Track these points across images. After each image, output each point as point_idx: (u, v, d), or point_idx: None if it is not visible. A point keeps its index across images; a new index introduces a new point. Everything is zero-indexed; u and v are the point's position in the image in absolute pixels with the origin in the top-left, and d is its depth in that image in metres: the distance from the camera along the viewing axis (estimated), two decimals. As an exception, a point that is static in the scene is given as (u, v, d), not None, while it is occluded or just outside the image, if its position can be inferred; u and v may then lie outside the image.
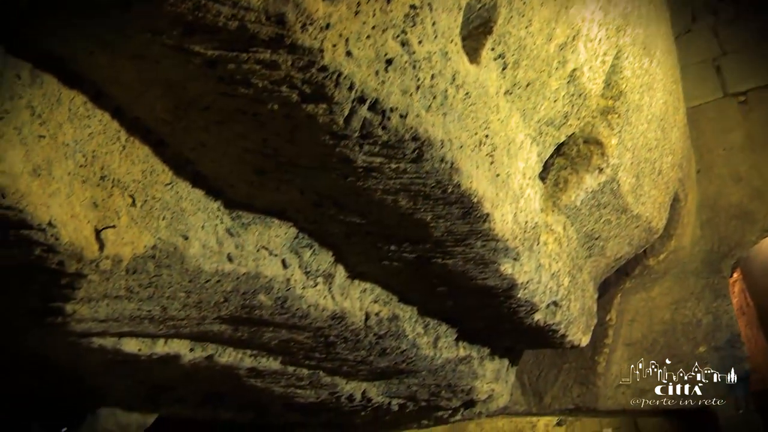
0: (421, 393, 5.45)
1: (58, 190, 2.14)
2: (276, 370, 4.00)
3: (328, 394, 4.73)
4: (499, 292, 4.06)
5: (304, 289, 3.15)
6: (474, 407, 6.36)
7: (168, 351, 3.31)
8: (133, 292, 2.59)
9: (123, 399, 4.46)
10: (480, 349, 5.37)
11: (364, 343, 3.93)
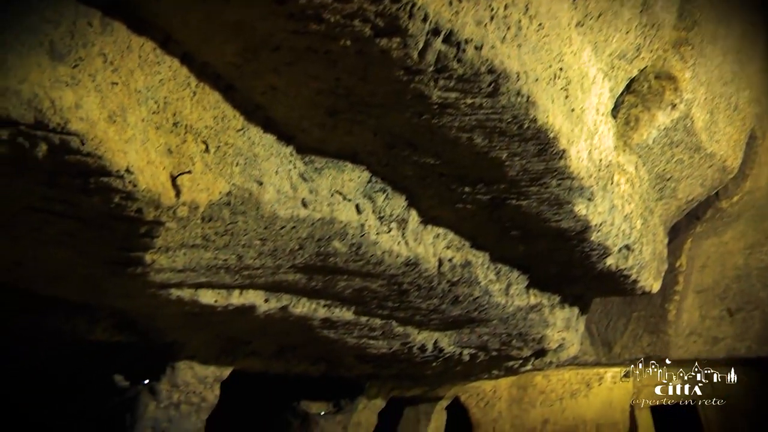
0: (492, 342, 5.40)
1: (134, 136, 2.12)
2: (349, 320, 3.99)
3: (400, 344, 4.72)
4: (572, 235, 3.95)
5: (378, 234, 3.10)
6: (545, 356, 6.29)
7: (243, 302, 3.32)
8: (210, 241, 2.58)
9: (200, 352, 4.53)
10: (550, 296, 5.28)
11: (437, 291, 3.89)
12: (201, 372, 4.66)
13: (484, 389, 12.71)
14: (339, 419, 6.71)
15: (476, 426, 13.20)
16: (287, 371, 5.75)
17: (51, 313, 3.76)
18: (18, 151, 1.96)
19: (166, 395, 4.51)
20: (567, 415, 13.45)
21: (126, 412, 4.47)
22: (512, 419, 13.35)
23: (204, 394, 4.75)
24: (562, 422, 13.44)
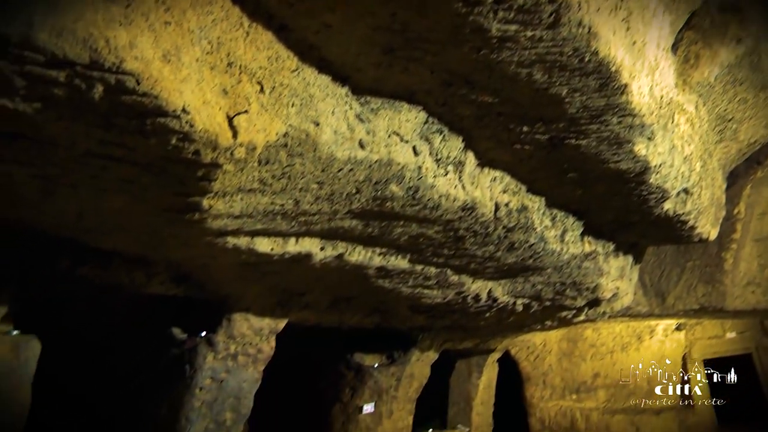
0: (546, 292, 5.33)
1: (189, 76, 2.08)
2: (404, 269, 3.96)
3: (455, 293, 4.68)
4: (631, 177, 3.83)
5: (435, 177, 3.04)
6: (598, 306, 6.19)
7: (299, 250, 3.30)
8: (266, 185, 2.55)
9: (255, 305, 4.57)
10: (605, 244, 5.16)
11: (492, 238, 3.82)
12: (256, 324, 4.70)
13: (535, 343, 12.68)
14: (392, 371, 6.75)
15: (526, 379, 13.21)
16: (341, 323, 5.78)
17: (111, 266, 3.80)
18: (75, 93, 1.95)
19: (223, 347, 4.58)
20: (617, 368, 13.34)
21: (185, 364, 4.55)
22: (562, 372, 13.32)
23: (260, 345, 4.81)
24: (613, 375, 13.34)
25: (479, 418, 9.48)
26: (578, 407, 13.44)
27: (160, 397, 4.78)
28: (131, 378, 5.11)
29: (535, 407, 13.43)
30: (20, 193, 2.70)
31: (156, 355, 4.78)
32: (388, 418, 6.94)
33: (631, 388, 13.31)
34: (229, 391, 4.71)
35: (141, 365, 5.02)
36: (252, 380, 4.85)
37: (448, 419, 9.29)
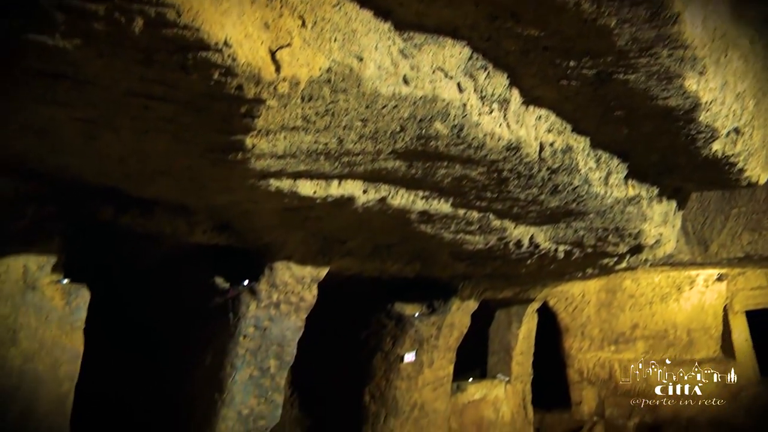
0: (588, 238, 5.25)
1: (229, 9, 2.03)
2: (447, 213, 3.91)
3: (497, 239, 4.63)
4: (680, 114, 3.70)
5: (480, 115, 2.96)
6: (640, 253, 6.09)
7: (342, 193, 3.27)
8: (310, 122, 2.51)
9: (297, 253, 4.58)
10: (649, 188, 5.04)
11: (536, 180, 3.74)
12: (298, 272, 4.72)
13: (573, 294, 12.61)
14: (433, 320, 6.76)
15: (565, 330, 13.17)
16: (381, 272, 5.78)
17: (153, 215, 3.83)
18: (115, 27, 1.91)
19: (266, 295, 4.61)
20: (657, 319, 13.23)
21: (229, 312, 4.60)
22: (600, 324, 13.25)
23: (302, 294, 4.83)
24: (652, 327, 13.24)
25: (519, 368, 9.51)
26: (616, 358, 13.40)
27: (204, 345, 4.86)
28: (176, 327, 5.20)
29: (573, 358, 13.41)
30: (63, 138, 2.71)
31: (199, 305, 4.84)
32: (429, 367, 6.99)
33: (670, 339, 13.22)
34: (273, 339, 4.76)
35: (184, 314, 5.09)
36: (295, 328, 4.90)
37: (488, 369, 9.33)
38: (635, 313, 13.25)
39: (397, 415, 6.91)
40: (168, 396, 5.23)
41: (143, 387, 5.53)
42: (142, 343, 5.64)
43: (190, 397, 4.94)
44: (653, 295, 13.14)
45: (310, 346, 5.30)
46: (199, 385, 4.86)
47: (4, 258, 3.38)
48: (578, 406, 13.54)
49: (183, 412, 4.97)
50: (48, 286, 3.61)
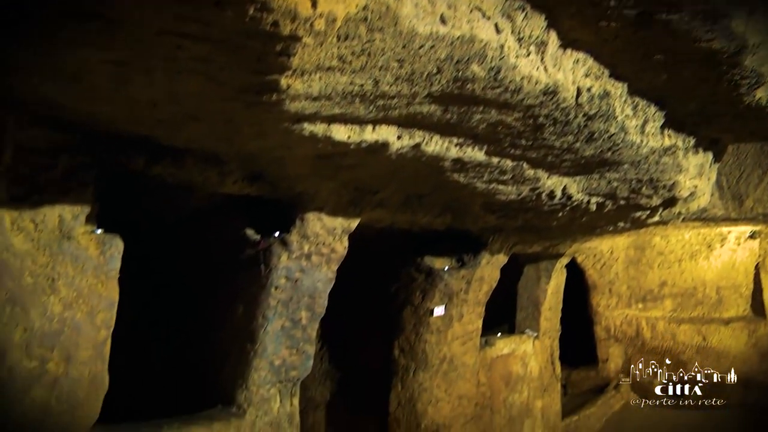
0: (621, 190, 5.16)
1: (266, -58, 1.97)
2: (480, 161, 3.86)
3: (529, 190, 4.57)
4: (724, 57, 3.56)
5: (517, 58, 2.88)
6: (674, 206, 5.99)
7: (376, 138, 3.23)
8: (346, 62, 2.45)
9: (328, 204, 4.56)
10: (685, 139, 4.92)
11: (572, 126, 3.66)
12: (329, 223, 4.71)
13: (602, 251, 12.51)
14: (462, 274, 6.76)
15: (592, 287, 13.12)
16: (412, 224, 5.76)
17: (185, 165, 3.82)
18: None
19: (297, 246, 4.61)
20: (686, 276, 13.11)
21: (260, 264, 4.62)
22: (628, 281, 13.17)
23: (333, 245, 4.83)
24: (681, 284, 13.14)
25: (547, 323, 9.51)
26: (644, 316, 13.35)
27: (235, 297, 4.89)
28: (206, 279, 5.23)
29: (601, 315, 13.39)
30: (94, 82, 2.68)
31: (230, 257, 4.86)
32: (458, 321, 7.00)
33: (699, 298, 13.11)
34: (304, 290, 4.78)
35: (215, 266, 5.12)
36: (326, 280, 4.91)
37: (517, 324, 9.35)
38: (664, 270, 13.14)
39: (427, 368, 6.97)
40: (200, 347, 5.29)
41: (175, 339, 5.61)
42: (173, 295, 5.70)
43: (223, 348, 4.99)
44: (683, 253, 13.00)
45: (340, 300, 5.32)
46: (231, 337, 4.90)
47: (40, 208, 3.40)
48: (604, 363, 13.56)
49: (216, 363, 5.04)
50: (83, 236, 3.63)
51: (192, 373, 5.30)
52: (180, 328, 5.60)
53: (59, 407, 3.58)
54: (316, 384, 7.91)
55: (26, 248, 3.33)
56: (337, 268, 5.10)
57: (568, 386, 12.52)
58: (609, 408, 12.12)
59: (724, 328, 12.95)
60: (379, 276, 7.15)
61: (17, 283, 3.28)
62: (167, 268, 5.75)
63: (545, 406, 9.36)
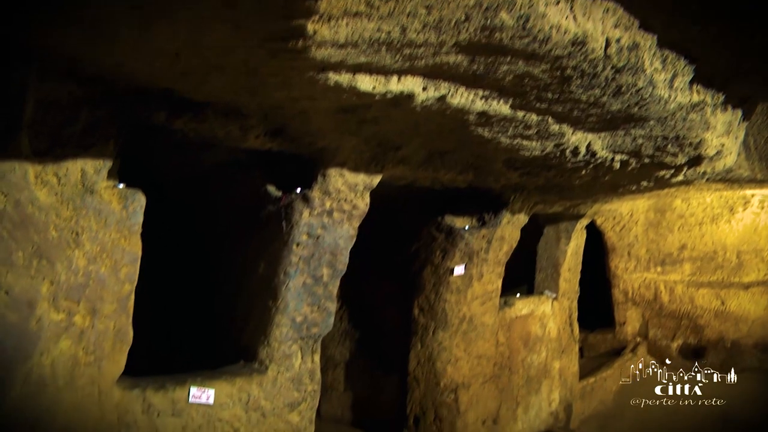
0: (646, 147, 5.07)
1: None
2: (505, 115, 3.79)
3: (553, 145, 4.50)
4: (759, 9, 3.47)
5: (547, 6, 2.80)
6: (699, 165, 5.89)
7: (402, 89, 3.17)
8: (373, 8, 2.40)
9: (350, 159, 4.53)
10: (715, 95, 4.80)
11: (599, 79, 3.58)
12: (351, 179, 4.68)
13: (621, 213, 12.43)
14: (483, 233, 6.72)
15: (611, 250, 13.07)
16: (434, 181, 5.72)
17: (206, 119, 3.79)
18: None
19: (318, 203, 4.59)
20: (706, 240, 13.00)
21: (282, 220, 4.61)
22: (648, 244, 13.10)
23: (355, 201, 4.80)
24: (701, 248, 13.04)
25: (566, 284, 9.48)
26: (662, 279, 13.29)
27: (257, 254, 4.90)
28: (228, 236, 5.25)
29: (619, 278, 13.36)
30: (116, 31, 2.65)
31: (252, 213, 4.86)
32: (478, 281, 6.99)
33: (719, 261, 13.01)
34: (326, 246, 4.77)
35: (237, 223, 5.13)
36: (347, 236, 4.90)
37: (536, 285, 9.33)
38: (684, 233, 13.04)
39: (446, 327, 6.99)
40: (222, 304, 5.33)
41: (199, 296, 5.65)
42: (195, 253, 5.74)
43: (245, 304, 5.02)
44: (704, 216, 12.87)
45: (360, 260, 5.31)
46: (253, 293, 4.93)
47: (62, 162, 3.40)
48: (622, 326, 13.57)
49: (238, 320, 5.07)
50: (105, 190, 3.63)
51: (215, 330, 5.35)
52: (203, 286, 5.65)
53: (87, 359, 3.63)
54: (335, 343, 7.98)
55: (50, 202, 3.34)
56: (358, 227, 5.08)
57: (585, 349, 12.56)
58: (626, 371, 12.15)
59: (744, 292, 12.88)
60: (399, 235, 7.14)
61: (43, 237, 3.30)
62: (190, 226, 5.78)
63: (563, 367, 9.38)
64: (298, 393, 4.96)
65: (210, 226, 5.53)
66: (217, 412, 4.47)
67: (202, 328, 5.55)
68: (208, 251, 5.61)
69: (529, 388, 8.49)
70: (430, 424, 7.16)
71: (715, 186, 8.91)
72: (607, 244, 13.07)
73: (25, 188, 3.22)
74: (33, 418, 3.37)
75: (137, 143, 4.07)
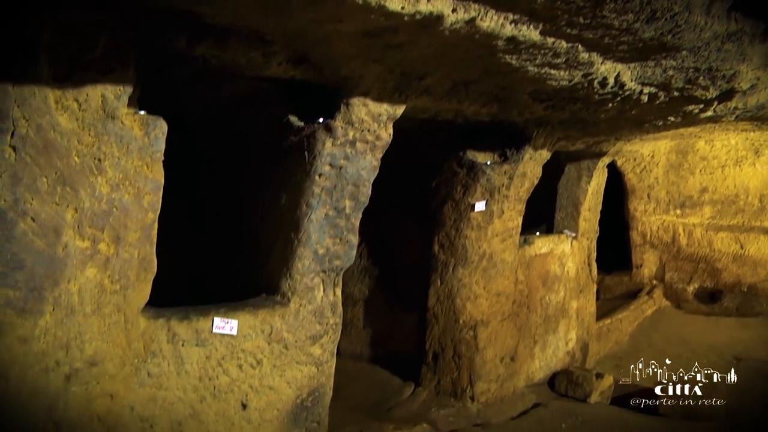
0: (677, 80, 4.92)
1: None
2: (535, 41, 3.67)
3: (582, 76, 4.38)
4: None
5: None
6: (730, 100, 5.74)
7: (431, 10, 3.05)
8: None
9: (373, 89, 4.43)
10: (754, 24, 4.61)
11: (634, 3, 3.44)
12: (374, 109, 4.59)
13: (642, 154, 12.28)
14: (505, 169, 6.64)
15: (630, 192, 12.97)
16: (457, 113, 5.62)
17: (228, 45, 3.70)
18: None
19: (341, 133, 4.52)
20: (728, 183, 12.84)
21: (304, 151, 4.55)
22: (668, 186, 12.97)
23: (378, 132, 4.73)
24: (722, 191, 12.89)
25: (586, 224, 9.42)
26: (681, 222, 13.20)
27: (279, 185, 4.86)
28: (250, 167, 5.21)
29: (638, 221, 13.28)
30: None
31: (273, 144, 4.80)
32: (499, 218, 6.94)
33: (740, 205, 12.86)
34: (348, 178, 4.71)
35: (258, 154, 5.08)
36: (370, 168, 4.83)
37: (555, 224, 9.28)
38: (705, 176, 12.88)
39: (466, 264, 6.97)
40: (244, 238, 5.33)
41: (222, 228, 5.65)
42: (217, 186, 5.72)
43: (267, 237, 5.01)
44: (727, 158, 12.68)
45: (380, 195, 5.26)
46: (275, 226, 4.91)
47: (82, 87, 3.33)
48: (638, 269, 13.55)
49: (260, 253, 5.07)
50: (127, 116, 3.56)
51: (237, 264, 5.37)
52: (225, 220, 5.65)
53: (112, 287, 3.64)
54: (354, 280, 8.02)
55: (71, 127, 3.30)
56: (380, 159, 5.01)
57: (601, 291, 12.58)
58: (641, 313, 12.18)
59: (764, 236, 12.76)
60: (420, 171, 7.07)
61: (65, 163, 3.28)
62: (211, 160, 5.75)
63: (580, 307, 9.40)
64: (320, 326, 4.99)
65: (231, 159, 5.48)
66: (240, 343, 4.51)
67: (224, 263, 5.57)
68: (229, 185, 5.58)
69: (546, 326, 8.53)
70: (448, 360, 7.22)
71: (743, 126, 8.72)
72: (626, 186, 12.96)
73: (47, 113, 3.18)
74: (64, 343, 3.40)
75: (157, 75, 4.01)
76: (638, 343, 11.12)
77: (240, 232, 5.35)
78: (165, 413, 4.21)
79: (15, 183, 3.08)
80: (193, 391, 4.33)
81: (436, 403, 7.07)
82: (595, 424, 6.47)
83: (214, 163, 5.70)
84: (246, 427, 4.66)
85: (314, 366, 5.01)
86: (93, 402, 3.68)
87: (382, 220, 7.21)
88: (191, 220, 5.83)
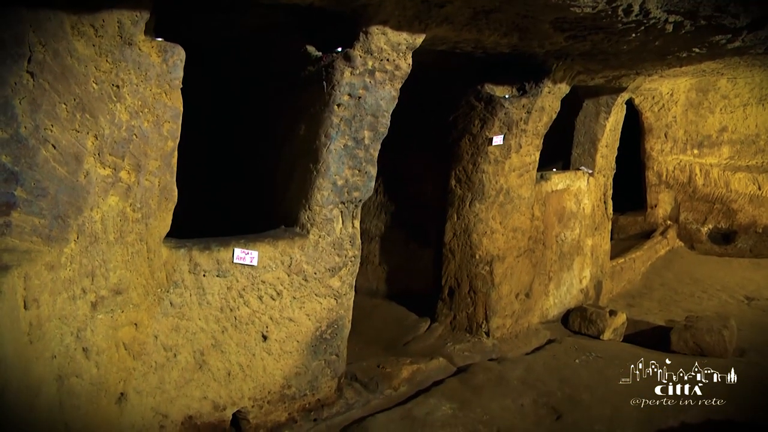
0: (705, 7, 4.75)
1: None
2: (560, -38, 3.58)
3: (606, 2, 4.24)
4: None
5: None
6: (762, 29, 5.53)
7: None
8: None
9: (393, 17, 4.33)
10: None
11: None
12: (394, 38, 4.50)
13: (661, 92, 12.07)
14: (523, 103, 6.54)
15: (648, 131, 12.81)
16: (476, 44, 5.51)
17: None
18: None
19: (360, 62, 4.44)
20: (749, 122, 12.65)
21: (322, 80, 4.48)
22: (686, 125, 12.80)
23: (397, 62, 4.65)
24: (742, 130, 12.71)
25: (603, 161, 9.32)
26: (698, 162, 13.06)
27: (298, 115, 4.82)
28: (268, 97, 5.16)
29: (654, 160, 13.15)
30: None
31: (292, 74, 4.74)
32: (516, 152, 6.87)
33: (760, 145, 12.69)
34: (367, 108, 4.66)
35: (277, 84, 5.02)
36: (389, 98, 4.77)
37: (572, 160, 9.19)
38: (726, 115, 12.67)
39: (483, 199, 6.94)
40: (263, 170, 5.32)
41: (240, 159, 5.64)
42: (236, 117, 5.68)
43: (285, 169, 4.99)
44: (750, 97, 12.45)
45: (396, 130, 5.20)
46: (293, 157, 4.88)
47: (97, 12, 3.27)
48: (653, 209, 13.47)
49: (279, 185, 5.07)
50: (144, 42, 3.50)
51: (256, 196, 5.37)
52: (243, 152, 5.63)
53: (134, 215, 3.65)
54: (370, 216, 8.03)
55: (89, 53, 3.25)
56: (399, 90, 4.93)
57: (615, 231, 12.54)
58: (654, 253, 12.17)
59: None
60: (437, 105, 6.98)
61: (84, 90, 3.24)
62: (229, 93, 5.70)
63: (595, 244, 9.38)
64: (339, 258, 5.01)
65: (249, 91, 5.42)
66: (261, 274, 4.55)
67: (243, 195, 5.57)
68: (247, 117, 5.54)
69: (561, 263, 8.53)
70: (464, 295, 7.26)
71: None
72: (644, 125, 12.78)
73: (63, 38, 3.13)
74: (89, 271, 3.43)
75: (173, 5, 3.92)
76: (651, 282, 11.15)
77: (260, 165, 5.33)
78: (188, 343, 4.28)
79: (34, 109, 3.06)
80: (215, 321, 4.39)
81: (452, 338, 7.14)
82: (608, 360, 6.52)
83: (232, 97, 5.64)
84: (266, 358, 4.74)
85: (333, 298, 5.05)
86: (119, 330, 3.75)
87: (398, 156, 7.15)
88: (214, 156, 5.81)
